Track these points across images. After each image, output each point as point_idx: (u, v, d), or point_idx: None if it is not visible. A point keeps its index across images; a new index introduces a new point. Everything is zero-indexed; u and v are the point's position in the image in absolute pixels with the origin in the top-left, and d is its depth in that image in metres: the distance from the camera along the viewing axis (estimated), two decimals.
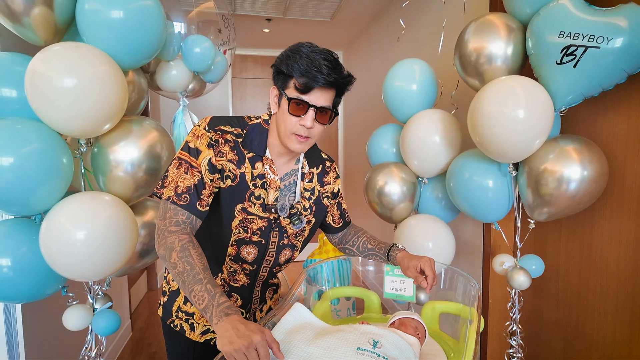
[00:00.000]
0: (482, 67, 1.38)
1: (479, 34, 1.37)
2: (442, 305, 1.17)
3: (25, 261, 1.16)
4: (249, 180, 1.01)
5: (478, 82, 1.43)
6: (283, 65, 0.95)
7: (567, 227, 1.55)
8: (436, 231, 1.65)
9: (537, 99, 1.20)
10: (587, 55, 1.13)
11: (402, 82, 1.71)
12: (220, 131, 0.99)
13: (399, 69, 1.74)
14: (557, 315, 1.61)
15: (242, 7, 3.03)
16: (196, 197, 0.94)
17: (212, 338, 1.14)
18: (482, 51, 1.36)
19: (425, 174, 1.72)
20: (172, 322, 1.14)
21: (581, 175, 1.21)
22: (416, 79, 1.69)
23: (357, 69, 3.99)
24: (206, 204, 0.96)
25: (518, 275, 1.43)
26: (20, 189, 1.09)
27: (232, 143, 0.99)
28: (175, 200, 0.93)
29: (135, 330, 2.93)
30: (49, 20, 1.16)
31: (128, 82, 1.37)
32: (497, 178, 1.42)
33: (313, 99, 0.94)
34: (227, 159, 0.98)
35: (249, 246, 1.05)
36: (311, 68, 0.91)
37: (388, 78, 1.76)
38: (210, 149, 0.96)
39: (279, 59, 0.97)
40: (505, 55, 1.34)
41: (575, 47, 1.14)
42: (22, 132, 1.11)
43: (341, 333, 0.88)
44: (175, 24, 1.62)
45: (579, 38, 1.13)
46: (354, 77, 1.00)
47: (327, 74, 0.92)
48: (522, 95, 1.20)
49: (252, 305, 1.17)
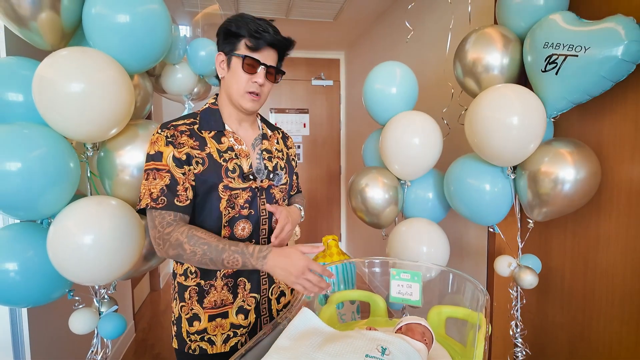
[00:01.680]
0: (480, 75, 1.45)
1: (478, 45, 1.44)
2: (449, 309, 1.16)
3: (32, 265, 1.17)
4: (217, 157, 1.06)
5: (477, 88, 1.48)
6: (232, 26, 1.03)
7: (572, 229, 1.55)
8: (429, 235, 1.64)
9: (530, 105, 1.26)
10: (567, 63, 1.21)
11: (382, 85, 1.69)
12: (172, 127, 1.05)
13: (379, 72, 1.72)
14: (562, 318, 1.61)
15: (244, 8, 3.03)
16: (172, 195, 0.99)
17: (238, 342, 1.13)
18: (481, 61, 1.43)
19: (408, 177, 1.70)
20: (189, 347, 1.12)
21: (575, 176, 1.28)
22: (397, 82, 1.67)
23: (359, 70, 3.98)
24: (185, 198, 1.01)
25: (525, 275, 1.45)
26: (27, 193, 1.09)
27: (188, 132, 1.05)
28: (154, 205, 0.99)
29: (139, 331, 2.93)
30: (56, 24, 1.16)
31: (134, 86, 1.37)
32: (496, 181, 1.44)
33: (263, 58, 1.04)
34: (190, 147, 1.03)
35: (241, 222, 1.09)
36: (259, 28, 1.01)
37: (368, 81, 1.74)
38: (169, 146, 1.01)
39: (226, 22, 1.06)
40: (502, 65, 1.41)
41: (557, 55, 1.23)
42: (29, 136, 1.11)
43: (349, 339, 0.88)
44: (181, 28, 1.62)
45: (559, 47, 1.22)
46: (295, 41, 1.10)
47: (274, 34, 1.04)
48: (517, 102, 1.26)
49: (262, 286, 1.15)
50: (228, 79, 1.07)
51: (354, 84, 4.24)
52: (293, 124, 4.51)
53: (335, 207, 4.74)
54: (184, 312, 1.12)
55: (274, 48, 1.06)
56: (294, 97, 4.52)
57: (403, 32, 2.88)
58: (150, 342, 2.78)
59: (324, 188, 4.68)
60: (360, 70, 3.95)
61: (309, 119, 4.54)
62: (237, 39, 1.04)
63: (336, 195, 4.72)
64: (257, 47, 1.02)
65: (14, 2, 1.09)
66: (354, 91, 4.24)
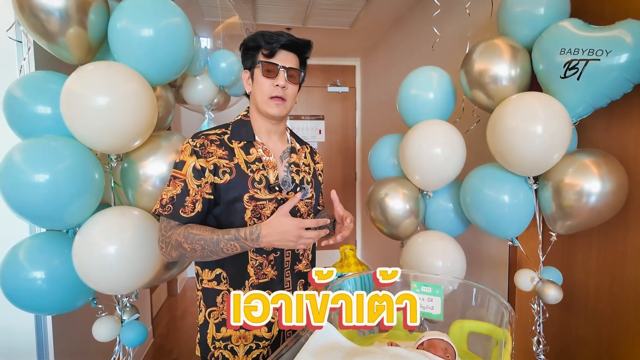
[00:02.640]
0: (488, 86, 1.43)
1: (485, 56, 1.43)
2: (472, 324, 1.14)
3: (58, 274, 1.20)
4: (245, 168, 1.07)
5: (486, 98, 1.46)
6: (249, 41, 1.08)
7: (597, 242, 1.50)
8: (445, 249, 1.59)
9: (555, 113, 1.25)
10: (589, 67, 1.21)
11: (419, 91, 1.64)
12: (203, 136, 1.07)
13: (416, 77, 1.67)
14: (588, 333, 1.56)
15: (262, 17, 3.07)
16: (179, 204, 1.02)
17: (259, 354, 1.13)
18: (488, 72, 1.43)
19: (429, 188, 1.66)
20: (212, 355, 1.13)
21: (601, 188, 1.24)
22: (433, 87, 1.61)
23: (375, 77, 3.98)
24: (191, 210, 1.03)
25: (549, 290, 1.40)
26: (54, 204, 1.12)
27: (218, 141, 1.08)
28: (160, 211, 1.02)
29: (157, 336, 2.97)
30: (83, 39, 1.19)
31: (156, 97, 1.39)
32: (517, 192, 1.40)
33: (281, 61, 1.07)
34: (218, 156, 1.06)
35: None
36: (273, 35, 1.05)
37: (404, 86, 1.69)
38: (193, 156, 1.04)
39: (244, 40, 1.10)
40: (514, 75, 1.40)
41: (577, 61, 1.23)
42: (56, 149, 1.14)
43: (371, 356, 0.87)
44: (202, 39, 1.65)
45: (579, 53, 1.23)
46: (311, 42, 1.12)
47: (288, 37, 1.07)
48: (541, 111, 1.25)
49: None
50: (254, 91, 1.11)
51: (369, 90, 4.23)
52: (308, 131, 4.52)
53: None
54: (213, 317, 1.12)
55: (291, 50, 1.09)
56: (309, 104, 4.54)
57: (419, 39, 2.86)
58: (168, 347, 2.81)
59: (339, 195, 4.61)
60: (376, 77, 3.94)
61: (325, 125, 4.55)
62: (255, 51, 1.08)
63: (351, 202, 4.70)
64: (273, 52, 1.06)
65: (43, 18, 1.13)
66: (369, 97, 4.23)
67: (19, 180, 1.09)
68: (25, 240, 1.22)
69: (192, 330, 3.05)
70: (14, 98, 1.18)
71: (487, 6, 1.76)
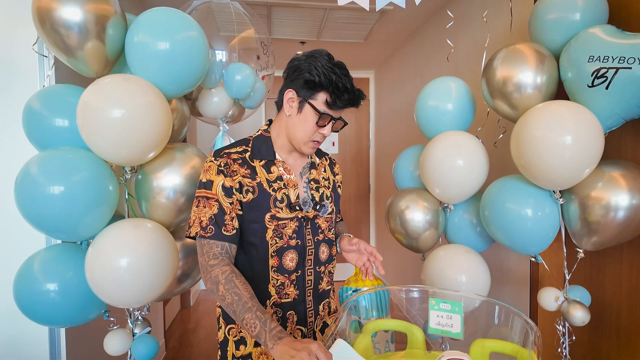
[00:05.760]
0: (512, 94, 1.37)
1: (508, 62, 1.37)
2: (493, 344, 1.08)
3: (71, 286, 1.19)
4: (267, 187, 1.06)
5: (508, 108, 1.41)
6: (314, 75, 0.99)
7: (628, 260, 1.43)
8: (469, 263, 1.54)
9: (586, 123, 1.18)
10: (619, 76, 1.14)
11: (437, 102, 1.60)
12: (225, 154, 1.05)
13: (434, 87, 1.63)
14: (619, 357, 1.47)
15: (277, 31, 3.10)
16: (220, 224, 1.00)
17: None
18: (512, 79, 1.36)
19: (450, 200, 1.61)
20: None
21: (630, 202, 1.19)
22: (452, 97, 1.58)
23: (389, 89, 3.96)
24: (232, 227, 1.02)
25: (575, 311, 1.32)
26: (69, 216, 1.12)
27: (240, 160, 1.06)
28: (202, 234, 1.00)
29: (169, 349, 2.94)
30: (101, 53, 1.21)
31: (172, 110, 1.40)
32: (541, 206, 1.34)
33: (337, 114, 1.05)
34: (241, 175, 1.04)
35: (289, 252, 1.08)
36: (342, 87, 1.00)
37: (421, 96, 1.66)
38: (220, 175, 1.02)
39: (305, 65, 1.01)
40: (540, 83, 1.33)
41: (606, 69, 1.16)
42: (72, 161, 1.15)
43: None
44: (217, 52, 1.66)
45: (608, 61, 1.16)
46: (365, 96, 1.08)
47: (357, 96, 1.03)
48: (570, 120, 1.18)
49: (308, 319, 1.13)
50: (295, 121, 1.05)
51: (383, 102, 4.22)
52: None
53: (364, 227, 4.66)
54: (232, 334, 1.10)
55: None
56: None
57: (434, 50, 2.84)
58: None
59: (353, 207, 4.62)
60: (390, 89, 3.93)
61: (338, 137, 4.54)
62: (316, 90, 1.01)
63: (365, 214, 4.65)
64: (337, 107, 1.02)
65: (63, 33, 1.15)
66: (383, 109, 4.21)
67: (35, 192, 1.09)
68: (40, 252, 1.23)
69: (204, 343, 3.02)
70: (32, 111, 1.20)
71: (506, 17, 1.73)
